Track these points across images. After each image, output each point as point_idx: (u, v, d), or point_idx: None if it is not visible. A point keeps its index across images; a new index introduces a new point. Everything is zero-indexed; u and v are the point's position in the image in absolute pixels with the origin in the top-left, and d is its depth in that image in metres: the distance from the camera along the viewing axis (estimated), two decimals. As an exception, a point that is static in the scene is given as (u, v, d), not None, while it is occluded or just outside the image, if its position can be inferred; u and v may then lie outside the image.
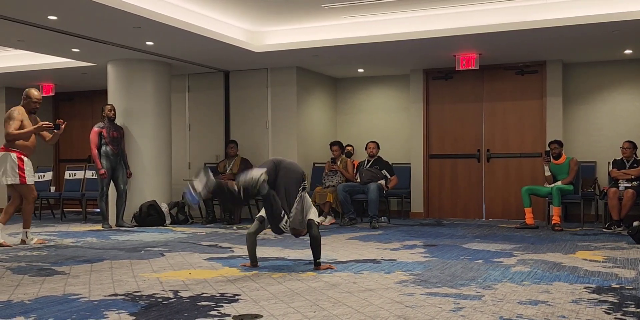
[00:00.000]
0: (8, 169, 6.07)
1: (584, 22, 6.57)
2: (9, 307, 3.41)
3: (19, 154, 6.13)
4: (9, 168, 6.07)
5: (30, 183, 6.21)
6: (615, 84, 8.60)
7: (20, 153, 6.13)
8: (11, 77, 9.89)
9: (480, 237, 6.62)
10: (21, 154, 6.14)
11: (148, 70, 8.42)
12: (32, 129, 6.17)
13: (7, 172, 6.08)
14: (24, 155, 6.17)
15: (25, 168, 6.14)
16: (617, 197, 7.16)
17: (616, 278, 4.17)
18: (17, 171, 6.09)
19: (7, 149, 6.13)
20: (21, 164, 6.12)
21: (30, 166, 6.22)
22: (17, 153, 6.12)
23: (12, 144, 6.12)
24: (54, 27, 6.60)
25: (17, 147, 6.14)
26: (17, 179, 6.10)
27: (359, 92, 10.04)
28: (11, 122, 6.11)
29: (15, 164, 6.08)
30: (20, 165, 6.11)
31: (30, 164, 6.24)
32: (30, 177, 6.21)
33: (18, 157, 6.11)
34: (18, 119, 6.15)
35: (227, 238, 6.70)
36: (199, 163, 9.56)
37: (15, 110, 6.23)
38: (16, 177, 6.09)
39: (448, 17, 7.12)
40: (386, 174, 8.31)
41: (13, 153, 6.10)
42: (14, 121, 6.12)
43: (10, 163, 6.07)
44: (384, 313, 3.21)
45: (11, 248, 5.96)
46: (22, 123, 6.17)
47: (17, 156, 6.10)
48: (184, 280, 4.18)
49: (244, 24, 7.67)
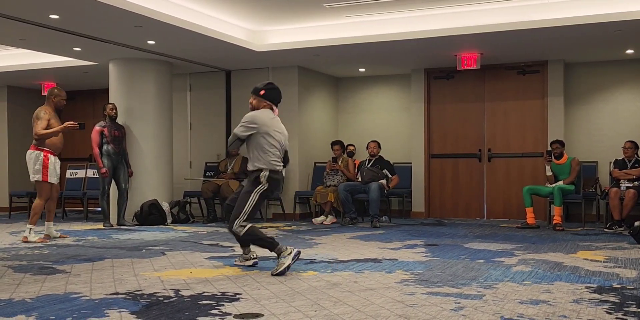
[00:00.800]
0: (37, 167, 6.30)
1: (586, 22, 6.56)
2: (10, 306, 3.42)
3: (47, 152, 6.33)
4: (38, 166, 6.29)
5: (52, 182, 6.38)
6: (617, 84, 8.59)
7: (48, 151, 6.34)
8: (13, 76, 9.90)
9: (482, 237, 6.62)
10: (49, 153, 6.35)
11: (149, 69, 8.42)
12: (59, 129, 6.33)
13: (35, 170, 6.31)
14: (52, 153, 6.38)
15: (49, 167, 6.32)
16: (619, 197, 7.16)
17: (617, 278, 4.17)
18: (42, 169, 6.29)
19: (36, 147, 6.34)
20: (46, 163, 6.31)
21: (55, 165, 6.40)
22: (45, 151, 6.33)
23: (40, 142, 6.33)
24: (55, 26, 6.60)
25: (46, 145, 6.34)
26: (40, 176, 6.30)
27: (360, 92, 10.03)
28: (39, 122, 6.30)
29: (41, 161, 6.29)
30: (45, 163, 6.30)
31: (56, 163, 6.43)
32: (53, 177, 6.38)
33: (45, 156, 6.31)
34: (45, 119, 6.33)
35: (228, 237, 6.70)
36: (200, 162, 9.56)
37: (42, 110, 6.41)
38: (39, 174, 6.30)
39: (449, 16, 7.11)
40: (387, 174, 8.31)
41: (41, 151, 6.31)
42: (41, 121, 6.30)
43: (37, 161, 6.29)
44: (385, 312, 3.21)
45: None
46: (49, 122, 6.34)
47: (44, 154, 6.31)
48: (185, 279, 4.19)
49: (245, 23, 7.67)
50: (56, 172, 6.42)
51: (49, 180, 6.34)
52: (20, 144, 11.15)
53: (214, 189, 8.41)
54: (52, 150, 6.37)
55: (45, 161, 6.30)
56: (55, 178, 6.41)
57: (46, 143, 6.34)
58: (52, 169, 6.34)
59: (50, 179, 6.35)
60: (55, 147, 6.43)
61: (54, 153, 6.40)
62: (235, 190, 8.29)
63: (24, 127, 11.25)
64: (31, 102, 11.37)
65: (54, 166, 6.38)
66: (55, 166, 6.41)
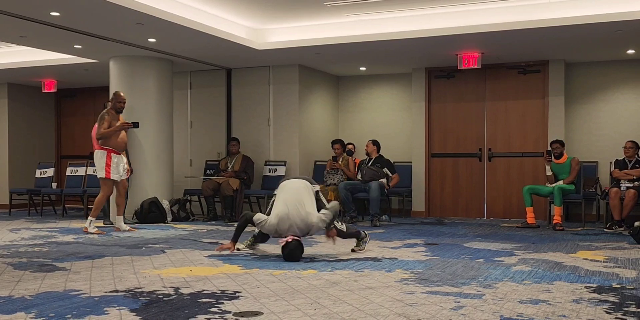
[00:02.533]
0: (101, 165, 6.85)
1: (587, 22, 6.55)
2: (10, 303, 3.42)
3: (110, 151, 6.88)
4: (102, 164, 6.84)
5: (114, 179, 6.90)
6: (617, 83, 8.59)
7: (111, 150, 6.89)
8: (13, 73, 9.90)
9: (482, 236, 6.62)
10: (112, 151, 6.89)
11: (150, 67, 8.42)
12: (116, 128, 6.89)
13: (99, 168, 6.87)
14: (114, 152, 6.92)
15: (112, 164, 6.87)
16: (619, 197, 7.15)
17: (617, 278, 4.17)
18: (104, 166, 6.83)
19: (101, 147, 6.90)
20: (109, 161, 6.85)
21: (117, 164, 6.93)
22: (108, 150, 6.87)
23: (104, 142, 6.88)
24: (56, 23, 6.60)
25: (108, 145, 6.89)
26: (103, 173, 6.84)
27: (361, 91, 10.03)
28: (101, 124, 6.88)
29: (104, 160, 6.84)
30: (108, 161, 6.85)
31: (119, 161, 6.96)
32: (115, 174, 6.90)
33: (108, 154, 6.86)
34: (107, 120, 6.89)
35: (228, 235, 6.69)
36: (200, 160, 9.56)
37: (106, 112, 6.99)
38: (102, 171, 6.84)
39: (451, 15, 7.11)
40: (387, 173, 8.31)
41: (105, 151, 6.86)
42: (104, 122, 6.87)
43: (101, 159, 6.85)
44: (385, 311, 3.21)
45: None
46: (110, 123, 6.89)
47: (107, 153, 6.86)
48: (184, 277, 4.19)
49: (246, 21, 7.67)
50: (119, 169, 6.94)
51: (111, 177, 6.85)
52: (21, 141, 11.17)
53: (214, 187, 8.41)
54: (114, 149, 6.90)
55: (107, 160, 6.84)
56: (117, 175, 6.92)
57: (109, 143, 6.86)
58: (114, 167, 6.88)
59: (113, 176, 6.87)
60: (118, 146, 6.94)
61: (116, 152, 6.93)
62: (235, 188, 8.30)
63: (24, 124, 11.26)
64: (32, 99, 11.40)
65: (117, 164, 6.91)
66: (118, 164, 6.94)
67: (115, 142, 6.92)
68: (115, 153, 6.91)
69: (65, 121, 11.96)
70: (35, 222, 8.39)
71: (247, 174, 8.62)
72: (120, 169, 6.98)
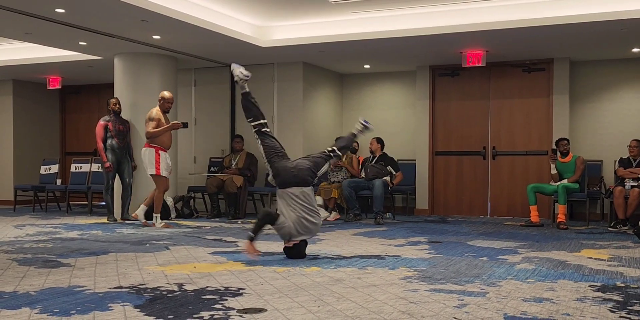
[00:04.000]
0: (150, 162, 7.08)
1: (592, 20, 6.53)
2: (14, 298, 3.43)
3: (158, 149, 7.11)
4: (151, 161, 7.07)
5: (164, 175, 7.13)
6: (622, 82, 8.56)
7: (158, 148, 7.11)
8: (18, 70, 9.92)
9: (485, 235, 6.62)
10: (159, 149, 7.12)
11: (155, 64, 8.42)
12: (166, 128, 7.12)
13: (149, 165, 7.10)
14: (162, 150, 7.14)
15: (160, 161, 7.09)
16: (623, 196, 7.14)
17: (621, 277, 4.16)
18: (154, 164, 7.06)
19: (149, 145, 7.14)
20: (157, 158, 7.08)
21: (165, 161, 7.15)
22: (156, 148, 7.10)
23: (152, 140, 7.12)
24: (61, 20, 6.61)
25: (156, 143, 7.12)
26: (153, 170, 7.08)
27: (365, 88, 10.02)
28: (150, 123, 7.11)
29: (153, 157, 7.06)
30: (157, 158, 7.08)
31: (167, 158, 7.17)
32: (164, 171, 7.14)
33: (156, 152, 7.08)
34: (155, 119, 7.12)
35: (232, 232, 6.71)
36: (204, 157, 9.57)
37: (153, 111, 7.21)
38: (152, 168, 7.07)
39: (455, 13, 7.09)
40: (391, 170, 8.31)
41: (153, 148, 7.08)
42: (152, 121, 7.10)
43: (150, 157, 7.07)
44: (388, 308, 3.21)
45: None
46: (158, 122, 7.11)
47: (155, 151, 7.08)
48: (188, 274, 4.20)
49: (251, 18, 7.66)
50: (167, 166, 7.16)
51: (161, 173, 7.08)
52: (26, 138, 11.20)
53: (218, 184, 8.42)
54: (162, 147, 7.14)
55: (156, 157, 7.08)
56: (166, 172, 7.15)
57: (157, 141, 7.10)
58: (163, 164, 7.10)
59: (162, 173, 7.10)
60: (165, 144, 7.18)
61: (164, 149, 7.15)
62: (239, 185, 8.30)
63: (29, 120, 11.29)
64: (36, 96, 11.43)
65: (165, 161, 7.13)
66: (168, 161, 7.17)
67: (162, 140, 7.15)
68: (162, 150, 7.14)
69: (70, 118, 11.99)
70: (39, 218, 8.41)
71: (251, 171, 8.63)
72: (169, 166, 7.22)
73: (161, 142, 7.15)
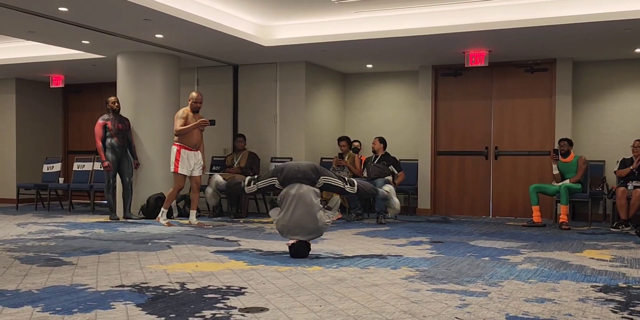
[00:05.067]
0: (172, 160, 7.19)
1: (595, 20, 6.52)
2: (17, 296, 3.44)
3: (180, 147, 7.20)
4: (172, 159, 7.18)
5: (182, 173, 7.19)
6: (625, 82, 8.55)
7: (181, 146, 7.20)
8: (21, 68, 9.94)
9: (487, 235, 6.61)
10: (182, 147, 7.20)
11: (157, 63, 8.43)
12: (192, 126, 7.19)
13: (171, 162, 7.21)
14: (186, 148, 7.21)
15: (180, 159, 7.16)
16: (626, 196, 7.13)
17: (623, 277, 4.16)
18: (174, 161, 7.17)
19: (174, 143, 7.24)
20: (178, 156, 7.16)
21: (187, 160, 7.20)
22: (179, 146, 7.19)
23: (179, 139, 7.21)
24: (64, 18, 6.61)
25: (181, 141, 7.21)
26: (172, 167, 7.20)
27: (367, 88, 10.02)
28: (177, 121, 7.20)
29: (174, 155, 7.17)
30: (177, 156, 7.16)
31: (189, 157, 7.22)
32: (183, 169, 7.19)
33: (178, 150, 7.18)
34: (182, 118, 7.20)
35: (234, 231, 6.72)
36: (206, 156, 9.54)
37: (182, 110, 7.32)
38: (172, 166, 7.20)
39: (458, 13, 7.09)
40: (393, 170, 8.30)
41: (176, 146, 7.20)
42: (178, 120, 7.19)
43: (172, 154, 7.20)
44: (390, 308, 3.21)
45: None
46: (185, 121, 7.19)
47: (177, 149, 7.18)
48: (190, 273, 4.20)
49: (253, 17, 7.67)
50: (189, 165, 7.21)
51: (179, 171, 7.16)
52: (28, 136, 11.21)
53: (220, 183, 8.41)
54: (186, 146, 7.20)
55: (177, 155, 7.15)
56: (186, 170, 7.20)
57: (182, 140, 7.18)
58: (183, 162, 7.17)
59: (181, 171, 7.17)
60: (190, 143, 7.24)
61: (188, 148, 7.21)
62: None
63: (32, 119, 11.31)
64: (39, 94, 11.44)
65: (187, 160, 7.18)
66: (189, 160, 7.21)
67: (187, 139, 7.20)
68: (186, 149, 7.19)
69: (73, 116, 12.00)
70: (42, 216, 8.42)
71: (253, 171, 8.62)
72: (192, 164, 7.24)
73: (186, 140, 7.20)
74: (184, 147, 7.19)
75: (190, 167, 7.24)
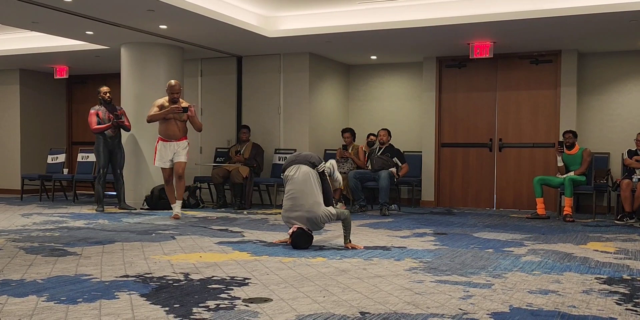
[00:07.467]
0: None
1: (601, 11, 6.47)
2: (22, 286, 3.45)
3: (159, 139, 7.09)
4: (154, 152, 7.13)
5: (158, 166, 7.10)
6: (631, 74, 8.50)
7: (160, 138, 7.07)
8: (25, 59, 9.93)
9: (491, 227, 6.61)
10: (159, 139, 7.08)
11: (161, 54, 8.41)
12: (162, 113, 6.95)
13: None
14: (161, 139, 7.06)
15: (157, 152, 7.04)
16: (630, 188, 7.10)
17: (627, 269, 4.15)
18: (154, 154, 7.12)
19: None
20: (156, 148, 7.08)
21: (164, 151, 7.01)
22: (158, 138, 7.10)
23: (158, 130, 7.08)
24: (68, 9, 6.60)
25: (159, 133, 7.09)
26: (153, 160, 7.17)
27: (371, 80, 9.99)
28: (151, 108, 7.06)
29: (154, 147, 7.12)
30: (155, 149, 7.10)
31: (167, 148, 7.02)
32: (159, 161, 7.06)
33: (157, 142, 7.09)
34: (157, 106, 7.03)
35: (237, 223, 6.73)
36: (210, 148, 9.58)
37: (161, 98, 7.13)
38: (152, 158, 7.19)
39: (463, 4, 7.05)
40: (397, 162, 8.30)
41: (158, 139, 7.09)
42: (153, 107, 7.04)
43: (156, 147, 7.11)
44: (393, 299, 3.21)
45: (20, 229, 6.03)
46: (160, 110, 6.98)
47: (157, 141, 7.09)
48: (194, 263, 4.21)
49: (257, 8, 7.64)
50: (165, 156, 7.01)
51: (155, 164, 7.10)
52: (33, 127, 11.23)
53: (224, 174, 8.43)
54: (162, 137, 7.06)
55: (155, 148, 7.08)
56: (162, 162, 7.03)
57: (160, 131, 7.05)
58: (159, 154, 7.02)
59: (157, 163, 7.07)
60: (165, 134, 7.04)
61: (165, 139, 7.04)
62: (245, 176, 8.31)
63: (36, 110, 11.31)
64: (43, 85, 11.44)
65: (164, 152, 7.01)
66: (167, 151, 7.01)
67: (162, 129, 7.06)
68: (163, 140, 7.06)
69: (77, 107, 12.00)
70: (46, 207, 8.45)
71: (257, 162, 8.63)
72: (170, 154, 7.02)
73: (162, 131, 7.06)
74: (161, 138, 7.07)
75: (167, 157, 7.03)
